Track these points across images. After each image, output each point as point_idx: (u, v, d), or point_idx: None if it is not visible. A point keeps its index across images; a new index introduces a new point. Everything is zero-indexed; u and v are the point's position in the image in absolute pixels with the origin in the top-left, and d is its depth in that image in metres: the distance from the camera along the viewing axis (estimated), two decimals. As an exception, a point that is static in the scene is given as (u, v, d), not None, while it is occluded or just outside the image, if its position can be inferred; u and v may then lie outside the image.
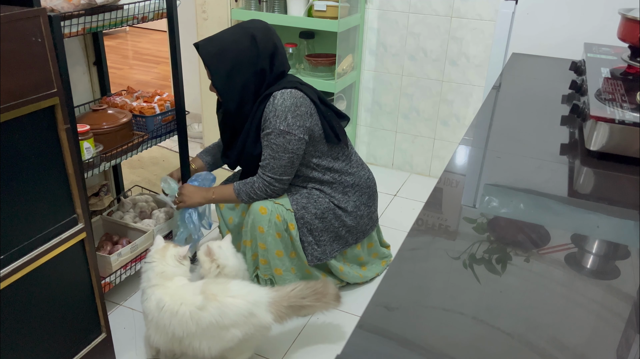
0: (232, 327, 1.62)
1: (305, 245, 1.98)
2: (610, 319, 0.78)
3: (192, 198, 2.01)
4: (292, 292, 1.69)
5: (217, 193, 2.00)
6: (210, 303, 1.60)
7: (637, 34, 1.55)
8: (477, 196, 1.13)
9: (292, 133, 1.82)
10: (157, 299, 1.64)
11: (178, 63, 1.96)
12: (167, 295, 1.64)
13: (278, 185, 1.90)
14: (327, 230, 1.99)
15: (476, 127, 1.47)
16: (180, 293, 1.65)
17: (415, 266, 0.90)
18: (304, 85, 1.92)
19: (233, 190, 1.95)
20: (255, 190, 1.91)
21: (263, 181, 1.90)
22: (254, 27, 1.86)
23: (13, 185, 1.28)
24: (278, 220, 1.91)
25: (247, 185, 1.93)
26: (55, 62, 1.31)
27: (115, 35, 6.47)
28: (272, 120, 1.82)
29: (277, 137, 1.83)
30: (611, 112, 1.25)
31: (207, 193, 2.01)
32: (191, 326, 1.60)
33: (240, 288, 1.68)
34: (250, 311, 1.63)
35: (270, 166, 1.87)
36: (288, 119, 1.81)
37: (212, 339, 1.62)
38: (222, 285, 1.68)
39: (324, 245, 2.00)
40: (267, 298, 1.67)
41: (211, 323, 1.60)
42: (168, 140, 2.14)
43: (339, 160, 1.99)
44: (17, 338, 1.39)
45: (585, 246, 0.98)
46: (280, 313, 1.67)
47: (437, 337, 0.74)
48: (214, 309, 1.60)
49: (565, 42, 2.14)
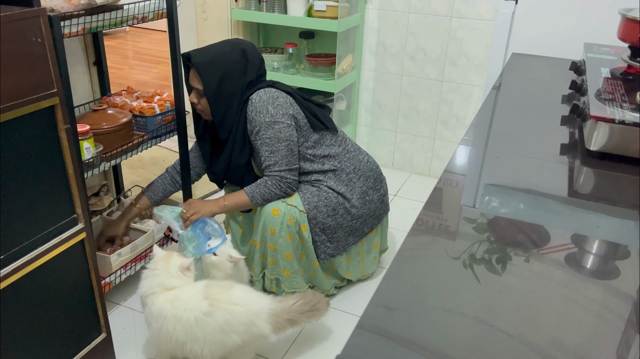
0: (234, 334, 1.62)
1: (317, 244, 1.98)
2: (610, 319, 0.78)
3: (205, 207, 1.93)
4: (294, 306, 1.70)
5: (228, 200, 1.94)
6: (216, 309, 1.60)
7: (637, 34, 1.55)
8: (477, 196, 1.13)
9: (279, 121, 1.84)
10: (159, 309, 1.62)
11: (178, 64, 1.96)
12: (167, 301, 1.62)
13: (290, 177, 1.89)
14: (340, 226, 1.98)
15: (476, 127, 1.47)
16: (181, 297, 1.63)
17: (415, 266, 0.90)
18: (276, 83, 1.96)
19: (246, 194, 1.91)
20: (270, 188, 1.88)
21: (274, 178, 1.88)
22: (242, 42, 1.94)
23: (13, 185, 1.28)
24: (290, 222, 1.90)
25: (259, 186, 1.90)
26: (55, 62, 1.31)
27: (115, 35, 6.47)
28: (256, 117, 1.85)
29: (266, 130, 1.84)
30: (611, 112, 1.25)
31: (218, 202, 1.95)
32: (196, 331, 1.59)
33: (244, 295, 1.67)
34: (251, 320, 1.63)
35: (273, 161, 1.87)
36: (270, 110, 1.84)
37: (215, 345, 1.62)
38: (226, 289, 1.67)
39: (338, 241, 2.00)
40: (268, 309, 1.67)
41: (216, 329, 1.60)
42: (168, 140, 2.14)
43: (333, 146, 1.99)
44: (17, 338, 1.38)
45: (585, 246, 0.98)
46: (279, 325, 1.67)
47: (437, 337, 0.74)
48: (220, 317, 1.60)
49: (565, 42, 2.14)
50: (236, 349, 1.66)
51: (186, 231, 1.87)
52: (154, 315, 1.63)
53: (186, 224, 1.90)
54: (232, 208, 1.97)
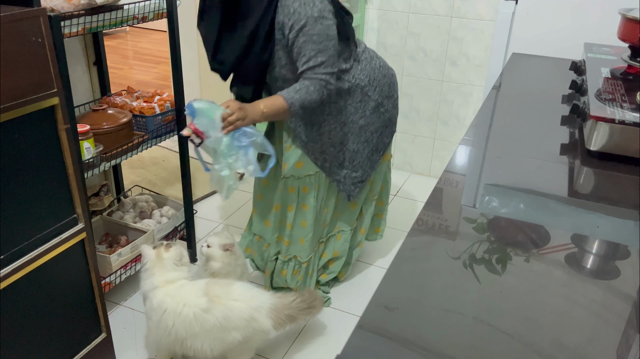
0: (233, 330, 1.62)
1: (340, 187, 1.96)
2: (610, 319, 0.78)
3: (250, 114, 1.60)
4: (293, 303, 1.72)
5: (267, 106, 1.62)
6: (214, 306, 1.61)
7: (637, 34, 1.55)
8: (477, 196, 1.13)
9: (326, 17, 1.61)
10: (159, 301, 1.64)
11: (178, 64, 1.96)
12: (168, 296, 1.64)
13: (334, 82, 1.68)
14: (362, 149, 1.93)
15: (476, 127, 1.47)
16: (181, 293, 1.65)
17: (415, 266, 0.90)
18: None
19: (283, 100, 1.62)
20: (311, 94, 1.63)
21: (318, 81, 1.63)
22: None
23: (13, 185, 1.28)
24: (305, 191, 1.90)
25: (299, 91, 1.63)
26: (55, 62, 1.31)
27: (115, 35, 6.47)
28: (300, 9, 1.58)
29: (313, 25, 1.58)
30: (611, 112, 1.25)
31: (257, 107, 1.62)
32: (195, 327, 1.60)
33: (244, 291, 1.69)
34: (252, 315, 1.64)
35: (319, 62, 1.62)
36: (317, 4, 1.59)
37: (214, 341, 1.63)
38: (226, 287, 1.68)
39: (363, 166, 1.96)
40: (269, 304, 1.69)
41: (215, 325, 1.60)
42: (168, 140, 2.14)
43: (349, 60, 1.79)
44: (17, 338, 1.38)
45: (585, 246, 0.98)
46: (280, 321, 1.69)
47: (437, 337, 0.74)
48: (219, 312, 1.60)
49: (565, 42, 2.14)
50: (236, 346, 1.66)
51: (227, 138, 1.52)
52: (154, 307, 1.65)
53: (228, 129, 1.55)
54: (271, 116, 1.67)
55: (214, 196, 2.90)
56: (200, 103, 1.53)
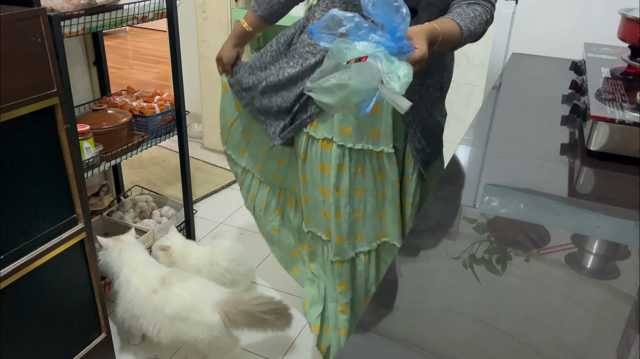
0: (177, 319, 1.64)
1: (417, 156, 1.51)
2: (610, 319, 0.78)
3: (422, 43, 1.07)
4: (253, 300, 1.63)
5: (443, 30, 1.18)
6: (162, 289, 1.67)
7: (637, 34, 1.55)
8: (477, 196, 1.13)
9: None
10: (128, 274, 1.74)
11: (178, 63, 1.96)
12: (135, 272, 1.74)
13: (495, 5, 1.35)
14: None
15: (476, 127, 1.47)
16: (146, 274, 1.73)
17: (415, 266, 0.90)
18: None
19: (459, 28, 1.24)
20: (483, 25, 1.30)
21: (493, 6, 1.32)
22: None
23: (13, 185, 1.28)
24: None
25: (474, 20, 1.27)
26: (55, 62, 1.31)
27: (115, 35, 6.47)
28: None
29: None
30: (611, 112, 1.25)
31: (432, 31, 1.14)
32: (145, 307, 1.67)
33: (197, 283, 1.71)
34: (192, 305, 1.62)
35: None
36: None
37: (163, 327, 1.66)
38: (184, 276, 1.73)
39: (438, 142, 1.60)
40: (217, 297, 1.64)
41: (156, 309, 1.66)
42: (168, 140, 2.14)
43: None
44: (17, 338, 1.38)
45: (585, 246, 0.98)
46: (232, 316, 1.59)
47: (437, 337, 0.74)
48: (162, 296, 1.66)
49: (565, 42, 2.14)
50: (191, 343, 1.65)
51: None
52: (121, 280, 1.74)
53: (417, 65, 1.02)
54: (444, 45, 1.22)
55: (214, 196, 2.90)
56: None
